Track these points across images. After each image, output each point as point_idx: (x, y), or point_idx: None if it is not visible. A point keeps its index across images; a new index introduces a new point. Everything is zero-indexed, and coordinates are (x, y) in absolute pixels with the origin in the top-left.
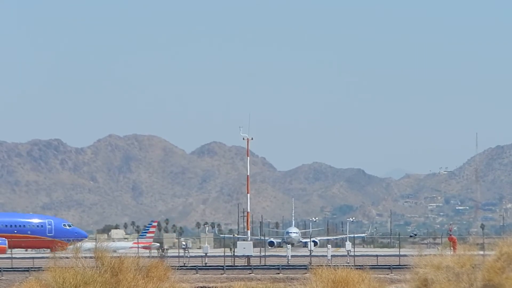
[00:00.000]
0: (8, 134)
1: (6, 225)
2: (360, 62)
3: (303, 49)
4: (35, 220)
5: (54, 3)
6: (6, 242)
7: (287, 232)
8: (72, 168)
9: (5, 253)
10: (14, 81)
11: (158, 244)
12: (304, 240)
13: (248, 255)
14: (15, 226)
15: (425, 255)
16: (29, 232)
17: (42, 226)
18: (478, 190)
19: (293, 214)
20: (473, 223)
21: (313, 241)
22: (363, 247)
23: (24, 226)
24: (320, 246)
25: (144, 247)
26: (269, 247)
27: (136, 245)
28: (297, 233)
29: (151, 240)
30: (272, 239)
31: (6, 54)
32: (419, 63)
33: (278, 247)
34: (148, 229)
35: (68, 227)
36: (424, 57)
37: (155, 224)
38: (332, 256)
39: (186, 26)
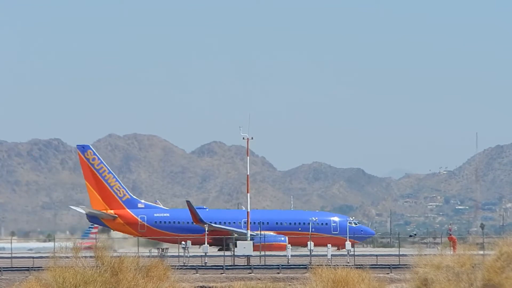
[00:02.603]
0: (8, 133)
1: (290, 223)
2: (360, 62)
3: (303, 49)
4: (320, 218)
5: (53, 2)
6: (287, 239)
7: None
8: (72, 168)
9: (284, 250)
10: (14, 80)
11: (101, 244)
12: None
13: (248, 255)
14: (299, 223)
15: (425, 254)
16: (313, 230)
17: (326, 223)
18: (478, 189)
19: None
20: (473, 222)
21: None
22: (363, 246)
23: (308, 223)
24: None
25: (87, 248)
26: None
27: (78, 245)
28: None
29: (94, 240)
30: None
31: (6, 54)
32: (419, 63)
33: None
34: (90, 229)
35: (354, 225)
36: (424, 57)
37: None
38: (332, 255)
39: (186, 26)
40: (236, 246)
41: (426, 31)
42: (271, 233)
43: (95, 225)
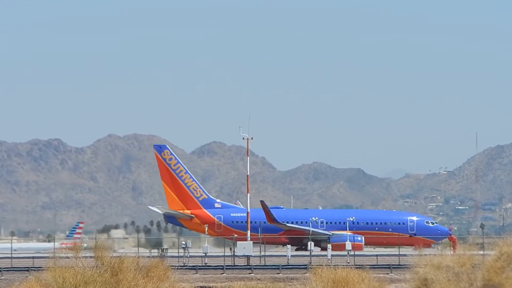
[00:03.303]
0: (8, 134)
1: (367, 222)
2: (360, 62)
3: (303, 49)
4: (397, 217)
5: (53, 2)
6: (363, 239)
7: None
8: (72, 168)
9: (361, 250)
10: (14, 80)
11: (86, 244)
12: None
13: (248, 255)
14: (377, 223)
15: (425, 254)
16: (390, 230)
17: (403, 223)
18: (478, 190)
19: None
20: (473, 223)
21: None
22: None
23: (385, 223)
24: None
25: (69, 248)
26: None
27: (62, 245)
28: None
29: (78, 240)
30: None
31: (6, 53)
32: (419, 63)
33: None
34: (75, 230)
35: (431, 225)
36: (424, 57)
37: (82, 225)
38: (332, 255)
39: (186, 26)
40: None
41: (426, 31)
42: (348, 232)
43: (80, 225)
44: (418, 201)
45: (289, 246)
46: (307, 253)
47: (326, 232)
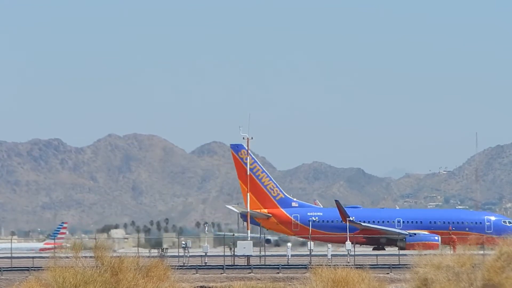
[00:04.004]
0: (8, 133)
1: (444, 222)
2: (360, 62)
3: (303, 49)
4: (475, 217)
5: (53, 2)
6: (439, 238)
7: None
8: (72, 168)
9: (437, 249)
10: (13, 80)
11: (69, 245)
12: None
13: (248, 255)
14: (453, 222)
15: (425, 254)
16: (467, 229)
17: (480, 222)
18: (478, 189)
19: None
20: None
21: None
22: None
23: (462, 222)
24: (319, 245)
25: (52, 248)
26: (266, 245)
27: (46, 246)
28: None
29: (62, 241)
30: (269, 237)
31: (5, 53)
32: (419, 63)
33: (276, 245)
34: (59, 230)
35: (508, 224)
36: (424, 57)
37: (66, 225)
38: (332, 255)
39: (186, 26)
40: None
41: (426, 31)
42: (425, 232)
43: (64, 225)
44: (418, 201)
45: (289, 244)
46: (307, 252)
47: (402, 231)
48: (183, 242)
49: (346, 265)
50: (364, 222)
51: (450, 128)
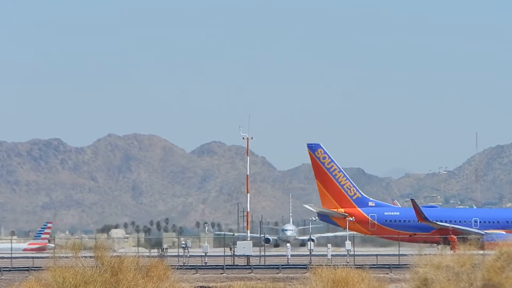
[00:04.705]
0: (8, 133)
1: (507, 221)
2: (360, 62)
3: (303, 49)
4: None
5: (53, 2)
6: None
7: (283, 230)
8: (72, 168)
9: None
10: (14, 80)
11: (53, 245)
12: (301, 238)
13: (247, 255)
14: None
15: (425, 254)
16: None
17: None
18: (478, 189)
19: (290, 209)
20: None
21: (311, 239)
22: (362, 246)
23: None
24: (318, 245)
25: (39, 248)
26: (265, 245)
27: (30, 246)
28: (293, 230)
29: (46, 241)
30: (268, 236)
31: (6, 53)
32: (419, 63)
33: (275, 245)
34: (43, 230)
35: None
36: (424, 57)
37: (50, 225)
38: (332, 255)
39: (186, 26)
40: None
41: (426, 31)
42: (502, 232)
43: (48, 225)
44: (418, 201)
45: (288, 245)
46: (307, 252)
47: (479, 231)
48: (183, 242)
49: (346, 265)
50: (440, 221)
51: (450, 128)
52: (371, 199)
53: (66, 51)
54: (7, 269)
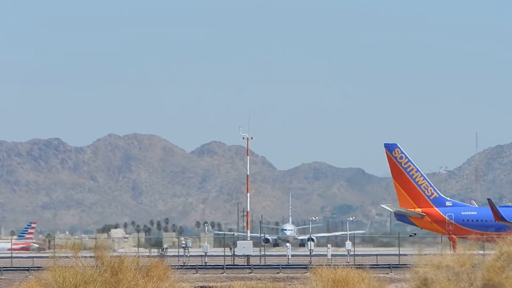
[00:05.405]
0: (8, 133)
1: None
2: (360, 62)
3: (303, 49)
4: None
5: (53, 2)
6: None
7: (282, 229)
8: (72, 168)
9: None
10: (14, 80)
11: (37, 245)
12: (300, 237)
13: (248, 255)
14: None
15: (425, 254)
16: None
17: None
18: (478, 189)
19: (290, 209)
20: None
21: (311, 238)
22: (362, 246)
23: None
24: (318, 245)
25: (23, 248)
26: (265, 244)
27: (15, 246)
28: (292, 230)
29: (30, 241)
30: (267, 236)
31: (6, 53)
32: (419, 63)
33: (274, 245)
34: (27, 230)
35: None
36: (424, 57)
37: (34, 225)
38: (332, 255)
39: (186, 26)
40: None
41: (426, 31)
42: None
43: (32, 225)
44: None
45: (288, 245)
46: (307, 252)
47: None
48: (183, 242)
49: (346, 265)
50: None
51: (450, 128)
52: (448, 199)
53: (66, 51)
54: (7, 269)
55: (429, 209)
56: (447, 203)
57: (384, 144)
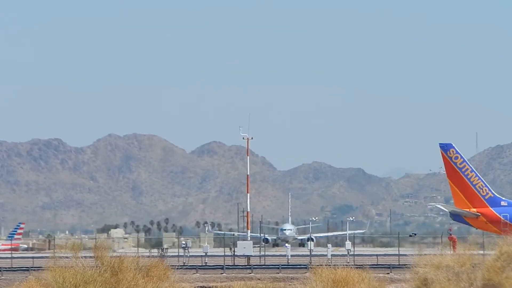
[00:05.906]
0: (8, 133)
1: None
2: (360, 62)
3: (303, 49)
4: None
5: (53, 2)
6: None
7: (282, 229)
8: (72, 168)
9: None
10: (14, 80)
11: (26, 246)
12: (300, 237)
13: (248, 255)
14: None
15: (425, 254)
16: None
17: None
18: None
19: (289, 209)
20: None
21: (310, 238)
22: (362, 246)
23: None
24: (318, 245)
25: (12, 249)
26: (265, 244)
27: (3, 246)
28: (291, 229)
29: (19, 241)
30: (267, 236)
31: (6, 53)
32: (419, 63)
33: (274, 245)
34: (16, 231)
35: None
36: (424, 57)
37: (23, 226)
38: (332, 255)
39: (186, 26)
40: None
41: (426, 31)
42: None
43: (21, 226)
44: (418, 201)
45: (288, 245)
46: (307, 252)
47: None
48: (183, 242)
49: (346, 265)
50: None
51: (450, 128)
52: (503, 198)
53: (66, 51)
54: (7, 269)
55: (484, 209)
56: (502, 203)
57: (439, 144)
